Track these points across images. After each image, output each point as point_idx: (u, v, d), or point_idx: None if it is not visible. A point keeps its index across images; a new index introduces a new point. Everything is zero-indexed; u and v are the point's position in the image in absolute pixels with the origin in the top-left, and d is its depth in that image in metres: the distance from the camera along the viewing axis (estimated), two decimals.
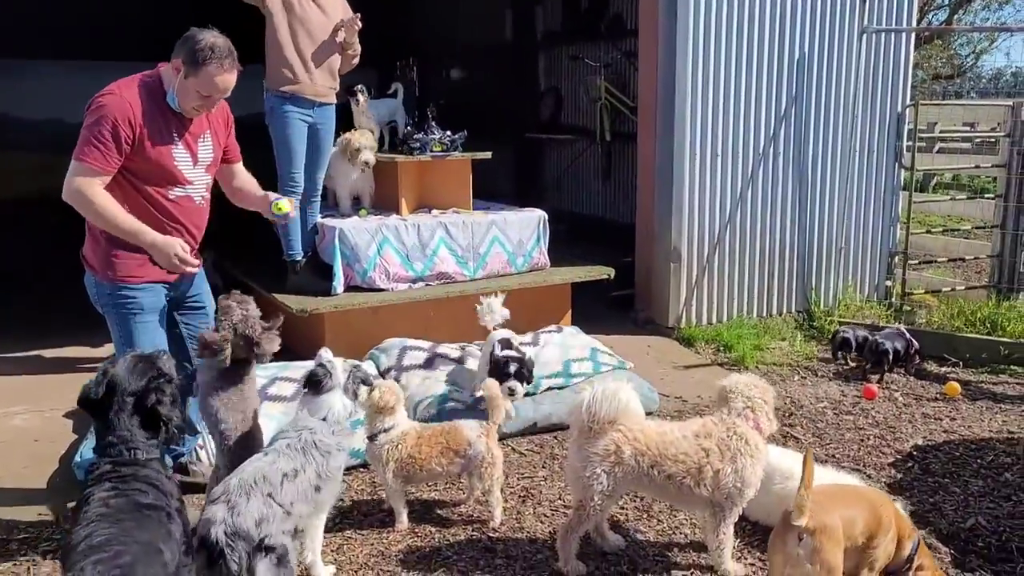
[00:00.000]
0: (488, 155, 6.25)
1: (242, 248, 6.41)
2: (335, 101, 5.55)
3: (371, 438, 3.77)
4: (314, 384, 3.32)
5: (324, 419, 3.27)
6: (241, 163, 3.92)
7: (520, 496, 4.09)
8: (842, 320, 6.67)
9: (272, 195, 3.87)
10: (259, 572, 2.74)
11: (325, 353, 3.46)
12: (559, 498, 4.07)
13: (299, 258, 5.60)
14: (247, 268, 6.15)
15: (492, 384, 4.01)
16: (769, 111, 6.59)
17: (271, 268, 5.80)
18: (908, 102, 7.17)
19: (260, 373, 4.06)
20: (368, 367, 5.14)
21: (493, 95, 10.74)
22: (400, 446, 3.70)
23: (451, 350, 5.28)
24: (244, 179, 3.92)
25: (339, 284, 5.52)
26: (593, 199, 9.93)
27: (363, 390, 3.62)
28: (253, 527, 2.76)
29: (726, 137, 6.46)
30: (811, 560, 2.84)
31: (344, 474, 4.10)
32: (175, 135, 3.44)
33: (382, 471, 3.73)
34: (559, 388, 4.96)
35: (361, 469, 4.24)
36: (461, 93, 11.17)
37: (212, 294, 3.87)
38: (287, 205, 3.79)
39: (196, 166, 3.55)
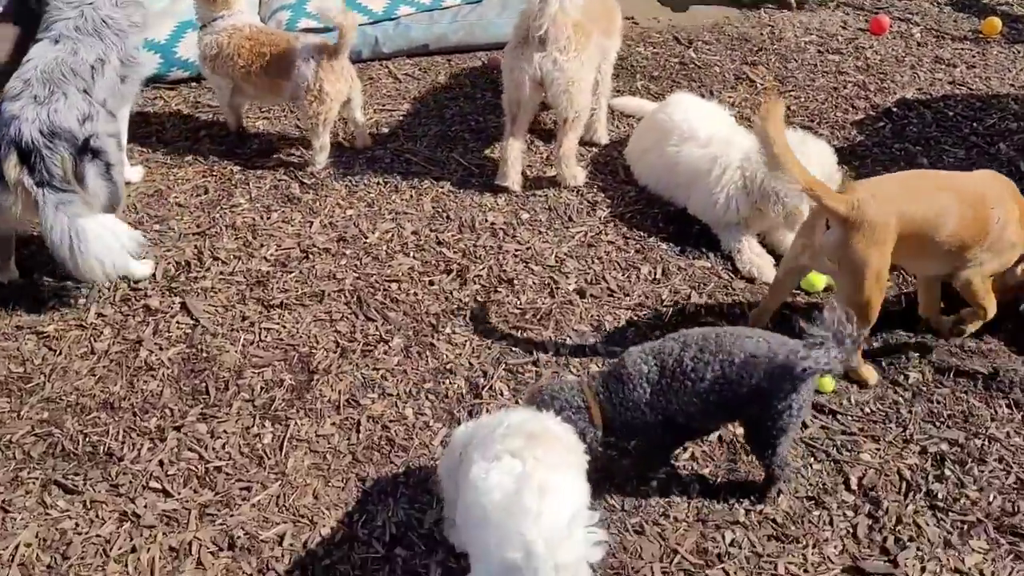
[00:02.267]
0: None
1: None
2: None
3: (201, 28, 3.15)
4: None
5: None
6: None
7: (370, 132, 3.35)
8: None
9: None
10: (88, 178, 2.39)
11: None
12: (410, 135, 3.34)
13: None
14: None
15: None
16: None
17: None
18: None
19: None
20: None
21: None
22: (220, 40, 3.05)
23: None
24: None
25: None
26: None
27: None
28: (76, 125, 2.37)
29: None
30: (833, 255, 2.29)
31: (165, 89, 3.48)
32: None
33: (200, 65, 3.21)
34: (467, 2, 3.95)
35: (193, 84, 3.57)
36: None
37: None
38: None
39: None
